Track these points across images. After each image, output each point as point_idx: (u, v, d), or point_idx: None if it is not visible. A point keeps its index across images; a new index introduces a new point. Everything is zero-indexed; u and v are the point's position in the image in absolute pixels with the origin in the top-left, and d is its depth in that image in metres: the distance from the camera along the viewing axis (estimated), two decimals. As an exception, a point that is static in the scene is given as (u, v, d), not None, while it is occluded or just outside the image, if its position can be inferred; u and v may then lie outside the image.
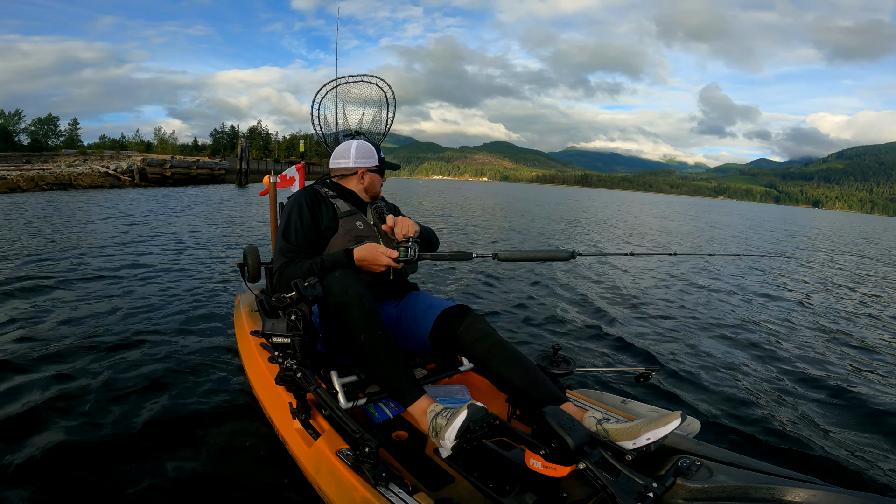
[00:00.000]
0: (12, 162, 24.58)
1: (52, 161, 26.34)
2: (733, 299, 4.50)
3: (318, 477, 1.20)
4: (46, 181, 18.09)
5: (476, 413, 1.13)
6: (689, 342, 3.05)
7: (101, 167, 22.67)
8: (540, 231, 10.64)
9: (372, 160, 1.67)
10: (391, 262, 1.41)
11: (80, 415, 1.79)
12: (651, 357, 2.74)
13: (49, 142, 42.70)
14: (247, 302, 2.42)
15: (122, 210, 10.29)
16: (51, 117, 43.92)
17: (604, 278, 5.12)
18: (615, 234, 11.08)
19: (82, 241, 5.78)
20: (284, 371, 1.33)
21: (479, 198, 27.65)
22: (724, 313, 3.88)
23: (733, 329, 3.42)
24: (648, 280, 5.23)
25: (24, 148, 37.49)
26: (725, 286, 5.12)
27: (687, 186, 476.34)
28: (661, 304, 4.11)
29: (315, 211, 1.55)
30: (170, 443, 1.63)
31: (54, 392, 1.94)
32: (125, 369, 2.20)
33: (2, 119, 40.75)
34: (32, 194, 15.02)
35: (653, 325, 3.44)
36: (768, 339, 3.24)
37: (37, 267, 4.23)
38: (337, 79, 2.23)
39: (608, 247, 8.31)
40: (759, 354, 2.91)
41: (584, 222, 14.30)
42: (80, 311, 3.03)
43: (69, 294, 3.44)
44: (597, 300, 4.06)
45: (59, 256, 4.73)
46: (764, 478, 1.04)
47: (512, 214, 15.20)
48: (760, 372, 2.61)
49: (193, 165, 26.49)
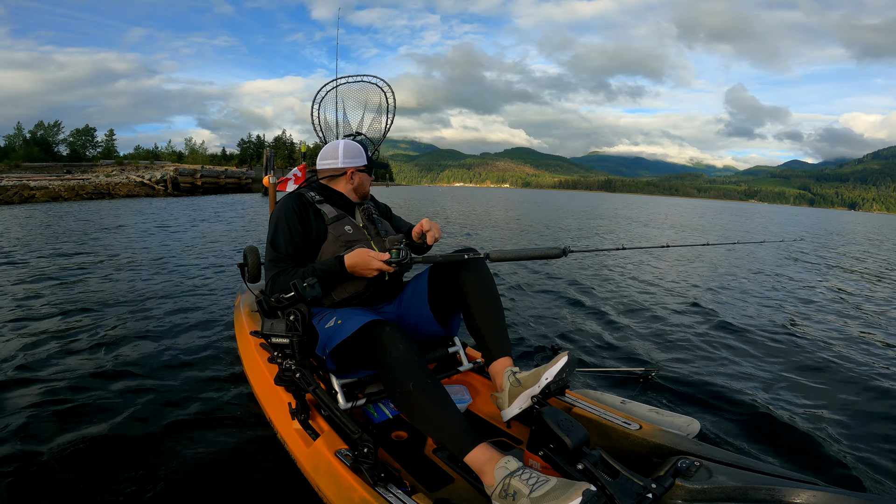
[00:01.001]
0: (54, 172, 26.21)
1: (90, 171, 28.13)
2: (734, 296, 4.49)
3: (317, 477, 1.21)
4: (86, 190, 19.38)
5: (592, 499, 0.93)
6: (689, 342, 3.05)
7: (137, 177, 24.06)
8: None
9: (360, 160, 1.64)
10: (383, 265, 1.38)
11: (79, 414, 1.79)
12: (651, 357, 2.74)
13: (87, 152, 44.34)
14: (247, 302, 2.42)
15: (155, 217, 10.53)
16: (88, 128, 45.40)
17: (604, 277, 5.12)
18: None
19: (110, 246, 5.84)
20: (283, 371, 1.33)
21: (497, 209, 21.47)
22: (724, 313, 3.87)
23: (733, 329, 3.41)
24: (648, 278, 5.22)
25: (64, 158, 39.32)
26: (724, 282, 5.11)
27: (715, 190, 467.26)
28: (662, 303, 4.10)
29: (303, 218, 1.51)
30: (169, 442, 1.63)
31: (52, 392, 1.94)
32: (124, 367, 2.20)
33: (42, 130, 42.37)
34: (73, 203, 16.14)
35: (653, 324, 3.43)
36: (769, 339, 3.23)
37: (60, 264, 4.25)
38: (337, 79, 2.23)
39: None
40: (760, 354, 2.90)
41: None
42: (80, 310, 3.04)
43: (69, 292, 3.45)
44: (597, 300, 4.05)
45: (87, 261, 4.74)
46: (764, 479, 1.03)
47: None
48: (761, 372, 2.61)
49: (222, 175, 27.92)
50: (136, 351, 2.43)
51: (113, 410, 1.83)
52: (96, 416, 1.78)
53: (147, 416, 1.80)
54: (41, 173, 25.16)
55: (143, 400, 1.92)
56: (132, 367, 2.22)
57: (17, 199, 16.38)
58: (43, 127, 42.98)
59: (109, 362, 2.27)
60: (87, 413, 1.80)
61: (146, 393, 1.98)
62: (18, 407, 1.82)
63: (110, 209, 12.65)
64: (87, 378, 2.09)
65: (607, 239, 10.01)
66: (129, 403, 1.89)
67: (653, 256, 6.48)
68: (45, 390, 1.95)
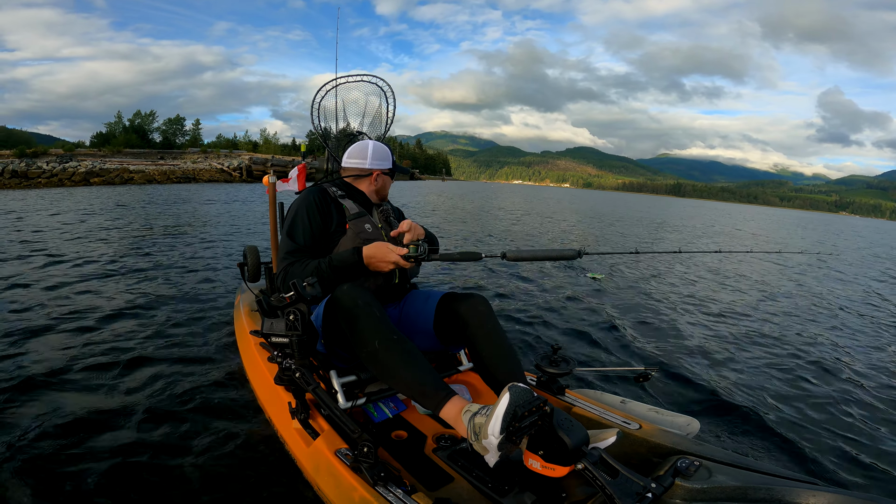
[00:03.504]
0: (149, 158, 30.75)
1: (180, 157, 32.35)
2: (735, 297, 4.49)
3: (316, 477, 1.21)
4: (176, 175, 22.99)
5: (521, 395, 0.98)
6: (689, 342, 3.05)
7: (218, 164, 27.58)
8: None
9: (387, 163, 1.67)
10: (400, 259, 1.37)
11: (77, 414, 1.79)
12: (651, 357, 2.74)
13: (177, 140, 48.56)
14: (247, 301, 2.42)
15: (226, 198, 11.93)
16: (178, 118, 49.85)
17: (607, 277, 5.12)
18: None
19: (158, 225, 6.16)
20: (283, 371, 1.33)
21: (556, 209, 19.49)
22: (724, 312, 3.87)
23: (734, 328, 3.41)
24: (650, 279, 5.22)
25: (157, 145, 44.15)
26: (728, 285, 5.11)
27: (801, 199, 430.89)
28: (662, 303, 4.10)
29: (324, 211, 1.52)
30: (168, 441, 1.63)
31: (50, 391, 1.94)
32: (124, 365, 2.20)
33: (139, 119, 47.06)
34: (165, 185, 19.92)
35: (653, 324, 3.43)
36: (769, 338, 3.23)
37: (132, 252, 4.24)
38: (337, 78, 2.23)
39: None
40: (760, 354, 2.91)
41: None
42: (79, 308, 3.03)
43: (69, 289, 3.45)
44: (597, 299, 4.05)
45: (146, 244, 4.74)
46: (763, 478, 1.04)
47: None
48: (761, 372, 2.61)
49: (290, 164, 30.25)
50: (134, 349, 2.42)
51: (111, 409, 1.83)
52: (94, 415, 1.78)
53: (146, 415, 1.79)
54: (139, 158, 29.62)
55: (142, 398, 1.92)
56: (131, 365, 2.21)
57: (118, 181, 20.17)
58: (140, 116, 47.29)
59: (107, 359, 2.26)
60: (84, 412, 1.80)
61: (145, 391, 1.98)
62: (15, 404, 1.82)
63: (196, 190, 15.04)
64: (84, 376, 2.09)
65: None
66: (128, 402, 1.89)
67: (660, 261, 6.48)
68: (38, 390, 1.95)
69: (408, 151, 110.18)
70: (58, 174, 20.44)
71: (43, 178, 19.85)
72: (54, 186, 18.71)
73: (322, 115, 2.20)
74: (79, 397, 1.91)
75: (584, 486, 1.12)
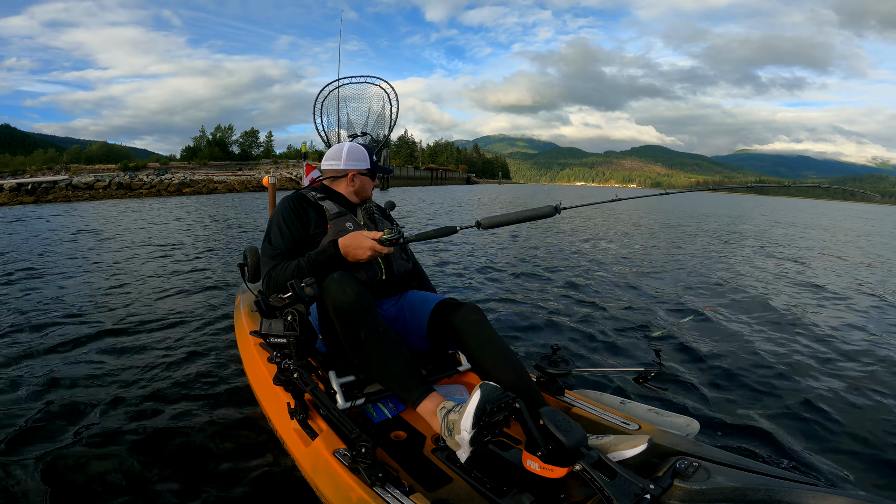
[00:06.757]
0: (230, 169, 34.73)
1: (255, 168, 35.83)
2: (735, 296, 4.48)
3: (315, 477, 1.21)
4: (252, 184, 26.10)
5: (491, 392, 1.03)
6: (688, 342, 3.04)
7: (287, 174, 30.30)
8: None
9: (363, 163, 1.67)
10: (376, 244, 1.35)
11: (76, 414, 1.80)
12: (651, 357, 2.73)
13: (252, 151, 52.18)
14: (247, 302, 2.43)
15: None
16: (253, 130, 54.19)
17: (605, 275, 5.11)
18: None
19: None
20: (282, 371, 1.33)
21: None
22: (724, 312, 3.86)
23: (734, 328, 3.40)
24: (650, 275, 5.21)
25: (236, 157, 48.32)
26: (727, 282, 5.09)
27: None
28: (663, 303, 4.09)
29: (301, 216, 1.53)
30: (168, 440, 1.64)
31: (49, 391, 1.95)
32: (123, 365, 2.21)
33: (220, 133, 51.21)
34: (244, 194, 22.60)
35: (653, 324, 3.42)
36: (769, 338, 3.22)
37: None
38: (339, 79, 2.24)
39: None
40: (760, 354, 2.90)
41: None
42: (80, 307, 3.04)
43: (67, 287, 3.46)
44: (597, 300, 4.05)
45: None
46: (762, 479, 1.03)
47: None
48: (761, 372, 2.60)
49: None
50: (133, 348, 2.43)
51: (111, 408, 1.83)
52: (93, 415, 1.78)
53: (146, 414, 1.80)
54: (221, 170, 33.57)
55: (141, 398, 1.92)
56: (130, 364, 2.22)
57: (205, 191, 23.56)
58: (220, 129, 51.37)
59: (107, 357, 2.27)
60: (84, 411, 1.81)
61: (145, 391, 1.99)
62: (14, 403, 1.82)
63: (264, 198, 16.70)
64: (84, 375, 2.09)
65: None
66: (128, 401, 1.89)
67: (661, 255, 6.45)
68: (37, 389, 1.95)
69: (465, 156, 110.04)
70: (156, 185, 23.47)
71: (144, 189, 22.68)
72: (154, 196, 21.18)
73: (325, 115, 2.21)
74: (77, 395, 1.92)
75: (583, 488, 1.12)
